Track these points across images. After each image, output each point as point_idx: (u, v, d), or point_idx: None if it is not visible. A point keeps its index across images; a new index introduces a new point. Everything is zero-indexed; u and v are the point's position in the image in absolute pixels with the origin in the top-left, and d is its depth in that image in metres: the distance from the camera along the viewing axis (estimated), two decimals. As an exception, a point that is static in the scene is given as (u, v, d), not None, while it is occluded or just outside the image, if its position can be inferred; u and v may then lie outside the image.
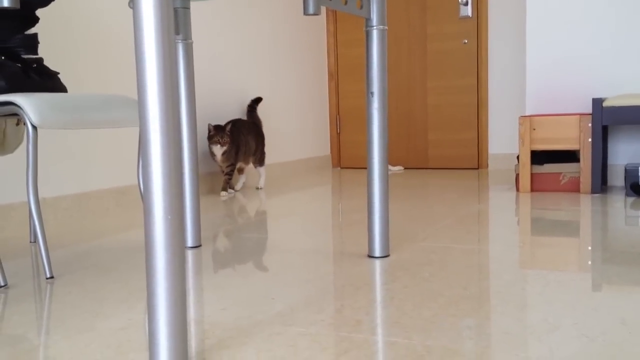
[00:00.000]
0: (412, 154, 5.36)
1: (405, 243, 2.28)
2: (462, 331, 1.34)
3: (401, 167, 5.32)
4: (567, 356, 1.18)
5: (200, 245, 2.35)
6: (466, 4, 5.03)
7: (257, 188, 4.17)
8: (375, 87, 2.02)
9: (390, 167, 5.31)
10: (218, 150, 3.69)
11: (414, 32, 5.27)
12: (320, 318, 1.46)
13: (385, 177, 2.05)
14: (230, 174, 3.82)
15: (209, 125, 3.71)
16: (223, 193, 3.83)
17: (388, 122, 5.33)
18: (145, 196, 1.11)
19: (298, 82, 5.11)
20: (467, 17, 5.05)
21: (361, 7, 1.97)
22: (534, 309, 1.48)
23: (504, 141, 5.01)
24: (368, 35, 2.01)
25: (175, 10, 2.25)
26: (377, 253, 2.07)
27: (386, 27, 2.02)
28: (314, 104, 5.38)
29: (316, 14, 1.78)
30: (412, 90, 5.31)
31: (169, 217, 1.11)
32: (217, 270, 1.98)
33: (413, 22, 5.26)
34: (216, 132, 3.69)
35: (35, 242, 2.51)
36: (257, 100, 4.20)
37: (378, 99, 2.02)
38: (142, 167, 1.12)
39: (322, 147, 5.53)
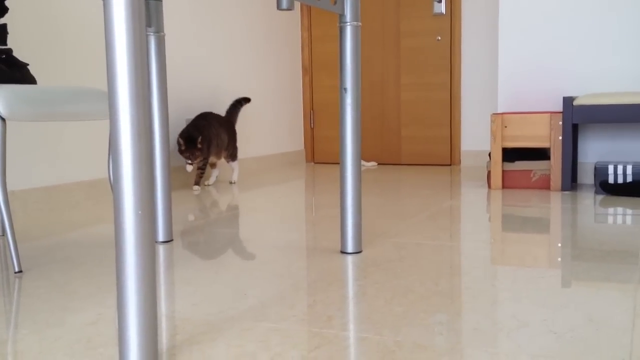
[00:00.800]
0: (385, 150, 5.38)
1: (377, 239, 2.29)
2: (432, 327, 1.35)
3: (375, 163, 5.33)
4: (535, 352, 1.19)
5: (171, 240, 2.34)
6: (440, 1, 5.05)
7: (231, 182, 4.15)
8: (349, 83, 2.02)
9: (364, 162, 5.33)
10: (188, 167, 3.67)
11: (388, 28, 5.28)
12: (292, 313, 1.46)
13: (358, 173, 2.06)
14: (203, 169, 3.80)
15: (179, 138, 3.62)
16: (195, 187, 3.80)
17: (362, 118, 5.34)
18: (115, 191, 1.10)
19: (272, 77, 5.09)
20: (440, 14, 5.08)
21: (335, 2, 1.97)
22: (503, 305, 1.49)
23: (476, 138, 5.05)
24: (342, 31, 2.01)
25: (147, 2, 2.22)
26: (350, 249, 2.07)
27: (360, 24, 2.02)
28: (288, 98, 5.37)
29: (289, 9, 1.77)
30: (385, 87, 5.33)
31: (140, 212, 1.10)
32: (188, 265, 1.97)
33: (387, 18, 5.28)
34: (187, 148, 3.61)
35: (3, 235, 2.48)
36: (246, 100, 4.16)
37: (351, 95, 2.02)
38: (112, 161, 1.10)
39: (296, 142, 5.52)
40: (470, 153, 5.06)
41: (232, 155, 4.04)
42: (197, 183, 3.80)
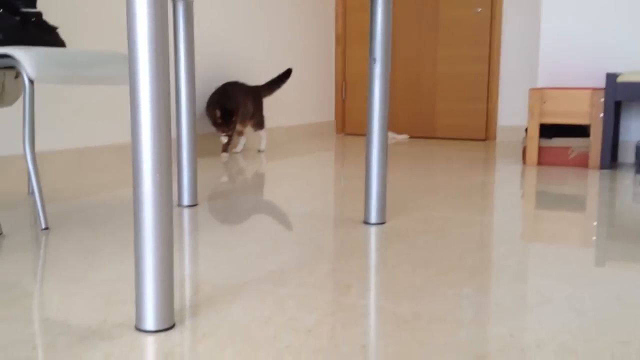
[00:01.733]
0: (418, 123, 5.31)
1: (403, 211, 2.26)
2: (452, 300, 1.32)
3: (406, 136, 5.28)
4: (555, 328, 1.16)
5: (196, 204, 2.34)
6: (482, -28, 4.93)
7: (259, 151, 4.15)
8: (378, 53, 1.98)
9: (395, 135, 5.27)
10: (223, 138, 3.71)
11: (428, -1, 5.18)
12: (310, 280, 1.45)
13: (385, 145, 2.03)
14: (230, 136, 3.79)
15: (216, 111, 3.64)
16: (224, 154, 3.80)
17: (395, 89, 5.28)
18: (133, 155, 1.09)
19: (303, 46, 5.05)
20: (482, -15, 4.96)
21: (369, -33, 1.92)
22: (527, 281, 1.46)
23: (513, 113, 4.95)
24: (372, 0, 1.97)
25: (181, -37, 2.20)
26: (373, 220, 2.05)
27: (394, -11, 1.97)
28: (320, 69, 5.32)
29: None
30: (421, 58, 5.24)
31: (157, 175, 1.09)
32: (211, 229, 1.97)
33: (427, -12, 5.17)
34: (223, 122, 3.64)
35: (32, 193, 2.51)
36: (288, 74, 4.14)
37: (381, 66, 1.98)
38: (131, 124, 1.09)
39: (327, 112, 5.48)
40: (506, 128, 4.97)
41: (259, 124, 4.03)
42: (225, 150, 3.81)
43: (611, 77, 3.17)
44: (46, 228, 1.92)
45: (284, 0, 4.67)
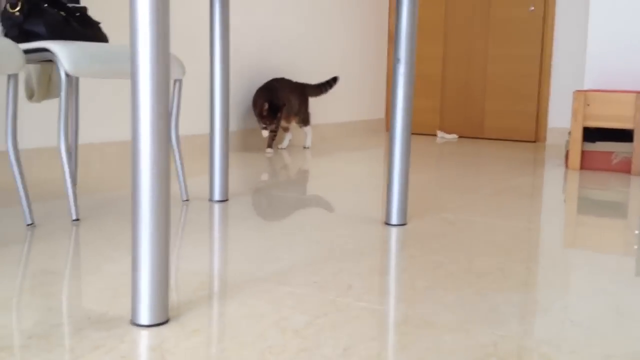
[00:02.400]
0: (467, 123, 5.26)
1: (428, 212, 2.26)
2: (446, 305, 1.33)
3: (455, 136, 5.23)
4: (541, 339, 1.16)
5: (226, 200, 2.40)
6: (536, -30, 4.83)
7: (304, 147, 4.19)
8: (403, 54, 1.98)
9: (443, 134, 5.24)
10: (264, 132, 3.77)
11: (480, -3, 5.12)
12: (314, 280, 1.48)
13: (407, 145, 2.03)
14: (275, 131, 3.85)
15: (264, 104, 3.70)
16: (268, 150, 3.87)
17: (445, 88, 5.24)
18: (132, 148, 1.15)
19: (356, 43, 5.06)
20: (536, -16, 4.86)
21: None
22: (530, 289, 1.45)
23: (564, 115, 4.84)
24: (398, 2, 1.97)
25: (214, -35, 2.26)
26: (394, 221, 2.06)
27: (419, -8, 1.97)
28: (371, 65, 5.33)
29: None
30: (472, 57, 5.18)
31: (154, 169, 1.14)
32: (234, 225, 2.02)
33: (479, -14, 5.11)
34: (269, 115, 3.70)
35: (76, 184, 2.62)
36: (335, 80, 4.19)
37: (405, 66, 1.99)
38: (131, 120, 1.15)
39: (377, 110, 5.48)
40: (557, 130, 4.86)
41: (304, 121, 4.07)
42: (269, 146, 3.87)
43: (657, 81, 3.08)
44: (77, 219, 2.01)
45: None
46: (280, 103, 3.71)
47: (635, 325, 1.24)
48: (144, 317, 1.17)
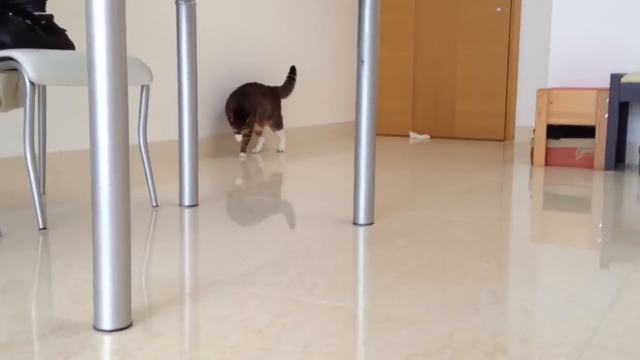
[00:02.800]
0: (439, 123, 5.32)
1: (396, 211, 2.30)
2: (407, 299, 1.37)
3: (427, 136, 5.29)
4: (495, 329, 1.20)
5: (197, 205, 2.42)
6: (501, -29, 4.91)
7: (278, 151, 4.22)
8: (366, 55, 2.02)
9: (416, 135, 5.29)
10: (237, 136, 3.80)
11: (447, -2, 5.19)
12: (279, 280, 1.51)
13: (372, 145, 2.07)
14: (248, 136, 3.87)
15: (230, 113, 3.74)
16: (242, 154, 3.89)
17: (417, 90, 5.30)
18: (91, 154, 1.16)
19: (327, 46, 5.10)
20: (501, -16, 4.94)
21: (352, -26, 1.97)
22: (487, 281, 1.49)
23: (531, 113, 4.92)
24: (360, 2, 2.01)
25: (177, -28, 2.28)
26: (361, 220, 2.10)
27: (378, -4, 2.01)
28: (343, 69, 5.37)
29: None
30: (442, 59, 5.25)
31: (113, 175, 1.16)
32: (203, 229, 2.04)
33: (446, -12, 5.18)
34: (236, 120, 3.74)
35: (44, 193, 2.62)
36: (292, 72, 4.21)
37: (368, 68, 2.03)
38: (90, 125, 1.16)
39: (349, 112, 5.52)
40: (525, 129, 4.94)
41: (277, 124, 4.10)
42: (243, 150, 3.89)
43: (615, 78, 3.15)
44: (44, 228, 2.01)
45: (309, 1, 4.72)
46: (248, 108, 3.73)
47: (585, 314, 1.28)
48: (107, 322, 1.19)
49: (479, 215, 2.24)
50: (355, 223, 2.11)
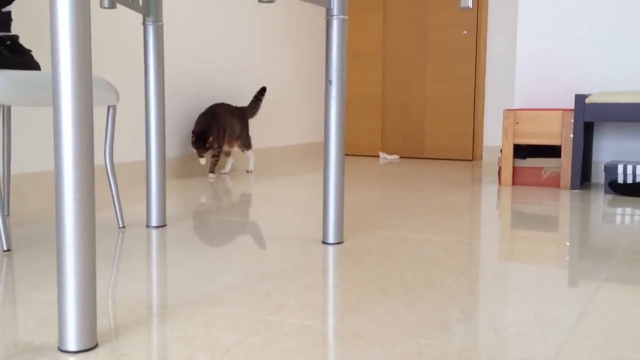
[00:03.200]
0: (408, 144, 5.36)
1: (364, 231, 2.30)
2: (377, 317, 1.36)
3: (397, 156, 5.33)
4: (464, 345, 1.20)
5: (164, 225, 2.40)
6: (467, -6, 5.00)
7: (247, 171, 4.21)
8: (334, 76, 2.03)
9: (385, 155, 5.33)
10: (201, 160, 3.78)
11: (415, 20, 5.25)
12: (247, 300, 1.50)
13: (341, 165, 2.08)
14: (217, 156, 3.86)
15: (192, 134, 3.72)
16: (210, 175, 3.87)
17: (386, 110, 5.34)
18: (56, 173, 1.15)
19: (295, 67, 5.12)
20: (467, 8, 5.03)
21: (320, -5, 1.99)
22: (456, 299, 1.50)
23: (498, 133, 4.99)
24: (328, 24, 2.03)
25: (145, -8, 2.27)
26: (331, 239, 2.10)
27: (347, 17, 2.03)
28: (312, 90, 5.39)
29: (270, 1, 1.80)
30: (411, 79, 5.30)
31: (78, 195, 1.15)
32: (170, 250, 2.02)
33: (415, 10, 5.25)
34: (196, 142, 3.73)
35: (9, 215, 2.57)
36: (262, 91, 4.20)
37: (337, 89, 2.04)
38: (54, 145, 1.15)
39: (318, 133, 5.54)
40: (492, 148, 5.01)
41: (246, 145, 4.10)
42: (212, 171, 3.87)
43: (580, 98, 3.22)
44: (8, 250, 1.97)
45: (277, 22, 4.75)
46: (210, 132, 3.71)
47: (553, 330, 1.29)
48: (72, 343, 1.16)
49: (448, 234, 2.25)
50: (324, 242, 2.11)
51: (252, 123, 4.55)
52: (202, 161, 3.79)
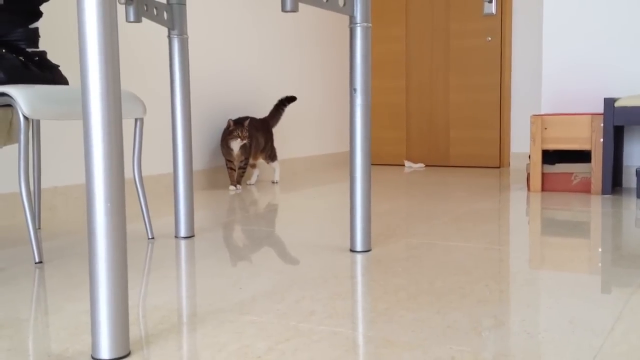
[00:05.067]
0: (433, 152, 5.34)
1: (392, 238, 2.29)
2: (407, 324, 1.35)
3: (422, 165, 5.30)
4: (497, 351, 1.18)
5: (193, 236, 2.41)
6: (490, 1, 4.98)
7: (273, 182, 4.22)
8: (359, 84, 2.03)
9: (411, 164, 5.31)
10: (237, 144, 3.73)
11: (438, 29, 5.24)
12: (277, 308, 1.49)
13: (368, 173, 2.07)
14: (244, 168, 3.87)
15: (229, 120, 3.75)
16: (232, 187, 3.85)
17: (410, 119, 5.33)
18: (87, 185, 1.16)
19: (321, 78, 5.13)
20: (491, 14, 5.01)
21: (344, 4, 1.99)
22: (488, 305, 1.48)
23: (526, 140, 4.95)
24: (352, 32, 2.03)
25: (171, 5, 2.30)
26: (359, 247, 2.09)
27: (370, 25, 2.03)
28: (337, 99, 5.40)
29: (294, 10, 1.81)
30: (434, 88, 5.29)
31: (109, 204, 1.16)
32: (199, 260, 2.03)
33: (437, 19, 5.24)
34: (236, 127, 3.73)
35: (40, 228, 2.61)
36: (289, 100, 4.21)
37: (361, 96, 2.04)
38: (85, 156, 1.16)
39: (344, 142, 5.54)
40: (520, 155, 4.96)
41: (271, 156, 4.11)
42: (238, 182, 3.87)
43: (609, 102, 3.18)
44: (39, 262, 2.00)
45: (303, 33, 4.77)
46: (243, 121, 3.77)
47: (587, 335, 1.27)
48: (105, 352, 1.17)
49: (477, 241, 2.23)
50: (352, 250, 2.10)
51: (278, 134, 4.57)
52: (236, 145, 3.79)
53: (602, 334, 1.27)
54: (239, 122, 3.76)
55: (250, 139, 3.82)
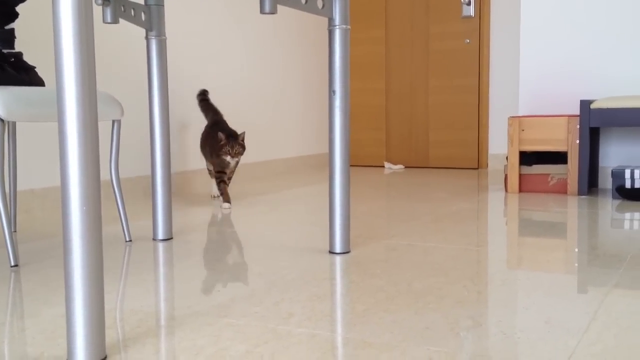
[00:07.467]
0: (413, 153, 5.36)
1: (371, 240, 2.30)
2: (385, 325, 1.36)
3: (402, 166, 5.32)
4: (476, 352, 1.19)
5: (171, 238, 2.39)
6: (469, 3, 5.01)
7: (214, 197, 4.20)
8: (338, 86, 2.04)
9: (390, 165, 5.32)
10: (231, 160, 3.33)
11: (417, 31, 5.27)
12: (255, 310, 1.49)
13: (347, 175, 2.07)
14: (231, 178, 3.67)
15: (220, 134, 3.33)
16: (226, 205, 3.29)
17: (390, 121, 5.35)
18: (62, 188, 1.15)
19: (299, 80, 5.13)
20: (469, 16, 5.04)
21: (323, 6, 1.99)
22: (465, 306, 1.49)
23: (504, 141, 4.98)
24: (331, 34, 2.03)
25: (149, 7, 2.29)
26: (338, 249, 2.09)
27: (349, 27, 2.04)
28: (316, 101, 5.40)
29: (272, 12, 1.81)
30: (414, 89, 5.31)
31: (84, 208, 1.15)
32: (177, 262, 2.02)
33: (416, 21, 5.26)
34: (227, 142, 3.32)
35: (15, 231, 2.58)
36: (205, 92, 3.73)
37: (340, 98, 2.04)
38: (60, 158, 1.15)
39: (324, 144, 5.55)
40: (498, 156, 5.00)
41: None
42: (227, 200, 3.33)
43: (585, 104, 3.21)
44: (15, 265, 1.97)
45: (283, 36, 4.77)
46: (233, 131, 3.42)
47: (562, 335, 1.28)
48: (80, 356, 1.16)
49: (455, 242, 2.24)
50: (331, 252, 2.10)
51: (258, 135, 4.56)
52: (230, 160, 3.41)
53: (578, 334, 1.28)
54: (230, 137, 3.31)
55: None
